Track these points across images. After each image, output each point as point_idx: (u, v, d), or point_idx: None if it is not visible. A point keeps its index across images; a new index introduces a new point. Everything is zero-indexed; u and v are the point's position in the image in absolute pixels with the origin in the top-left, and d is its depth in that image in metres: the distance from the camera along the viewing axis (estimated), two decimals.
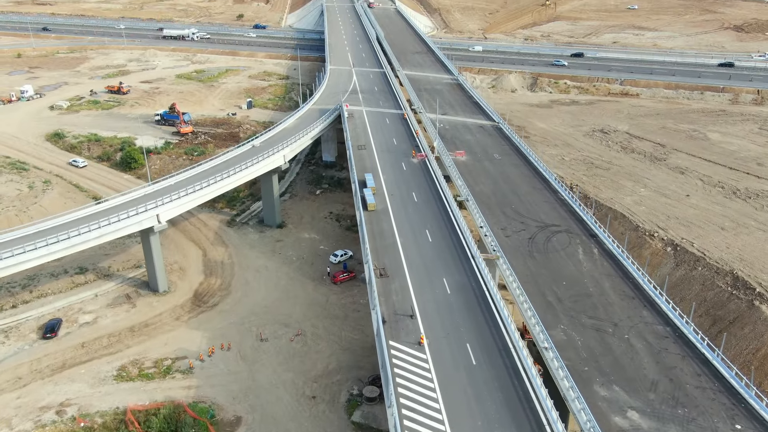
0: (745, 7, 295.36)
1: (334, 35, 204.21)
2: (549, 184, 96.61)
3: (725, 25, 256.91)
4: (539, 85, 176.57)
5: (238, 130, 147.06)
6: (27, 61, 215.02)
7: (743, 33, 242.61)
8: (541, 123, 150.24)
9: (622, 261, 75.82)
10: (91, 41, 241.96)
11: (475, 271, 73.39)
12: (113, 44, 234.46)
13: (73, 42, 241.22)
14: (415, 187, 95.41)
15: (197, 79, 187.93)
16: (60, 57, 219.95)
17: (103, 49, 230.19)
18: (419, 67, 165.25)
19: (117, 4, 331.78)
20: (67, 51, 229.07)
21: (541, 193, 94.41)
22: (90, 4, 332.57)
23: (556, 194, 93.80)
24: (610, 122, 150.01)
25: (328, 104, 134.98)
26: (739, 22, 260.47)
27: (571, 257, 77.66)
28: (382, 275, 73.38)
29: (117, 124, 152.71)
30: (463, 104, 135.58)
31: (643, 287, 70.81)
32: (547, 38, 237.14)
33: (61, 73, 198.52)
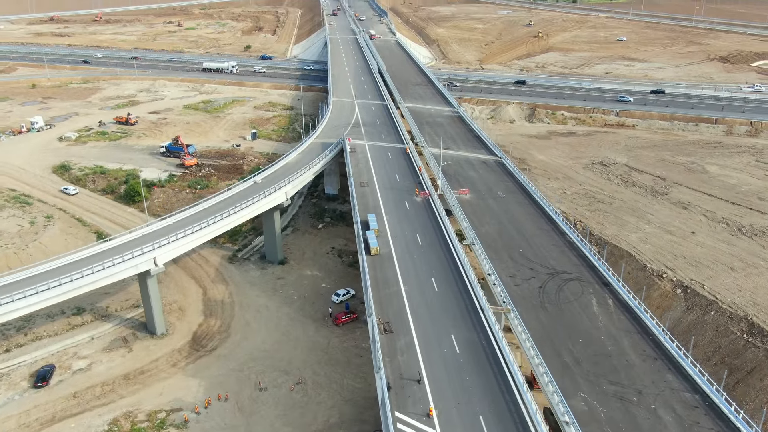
0: (727, 39, 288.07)
1: (337, 67, 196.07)
2: (556, 225, 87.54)
3: (711, 56, 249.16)
4: (537, 116, 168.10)
5: (241, 162, 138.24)
6: (41, 92, 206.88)
7: (729, 64, 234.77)
8: (540, 155, 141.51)
9: (639, 315, 66.60)
10: (105, 72, 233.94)
11: (484, 324, 64.24)
12: (125, 75, 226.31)
13: (87, 72, 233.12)
14: (420, 229, 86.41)
15: (204, 109, 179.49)
16: (73, 87, 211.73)
17: (115, 79, 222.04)
18: (420, 99, 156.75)
19: (132, 36, 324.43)
20: (80, 81, 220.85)
21: (548, 235, 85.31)
22: (106, 36, 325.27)
23: (564, 236, 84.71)
24: (608, 154, 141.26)
25: (330, 137, 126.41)
26: (723, 53, 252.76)
27: (586, 309, 68.46)
28: (386, 331, 64.21)
29: (123, 156, 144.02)
30: (465, 138, 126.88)
31: (666, 346, 61.58)
32: (542, 69, 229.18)
33: (73, 104, 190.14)
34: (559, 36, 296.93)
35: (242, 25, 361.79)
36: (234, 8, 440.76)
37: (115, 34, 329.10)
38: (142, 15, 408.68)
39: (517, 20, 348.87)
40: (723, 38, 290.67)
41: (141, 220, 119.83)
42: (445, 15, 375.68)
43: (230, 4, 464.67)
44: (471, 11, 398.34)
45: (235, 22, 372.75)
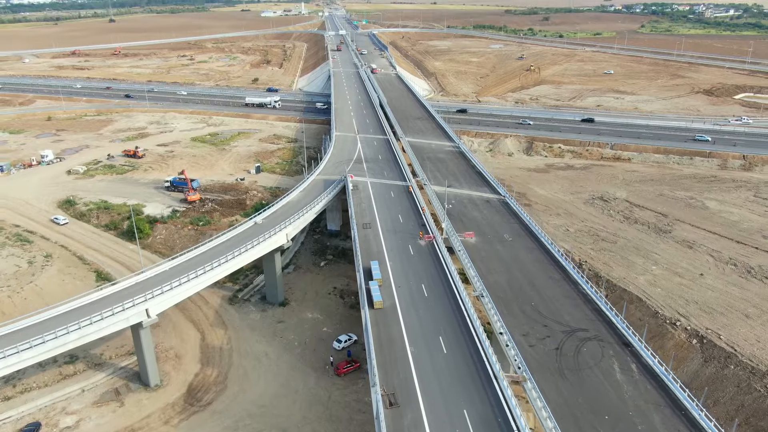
0: (709, 72, 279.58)
1: (339, 100, 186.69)
2: (567, 274, 77.03)
3: (695, 89, 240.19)
4: (534, 149, 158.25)
5: (245, 197, 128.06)
6: (56, 124, 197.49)
7: (714, 97, 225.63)
8: (540, 189, 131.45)
9: (668, 384, 55.95)
10: (118, 104, 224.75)
11: (499, 396, 53.61)
12: (138, 107, 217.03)
13: (100, 105, 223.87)
14: (425, 278, 75.98)
15: (210, 142, 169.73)
16: (87, 120, 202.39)
17: (127, 111, 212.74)
18: (421, 134, 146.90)
19: (147, 69, 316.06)
20: (94, 113, 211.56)
21: (560, 285, 74.80)
22: (123, 68, 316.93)
23: (576, 287, 74.20)
24: (608, 189, 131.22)
25: (333, 174, 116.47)
26: (707, 86, 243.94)
27: (608, 376, 57.83)
28: (392, 404, 53.56)
29: (129, 190, 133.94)
30: (467, 175, 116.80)
31: (701, 425, 50.90)
32: (536, 101, 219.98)
33: (85, 136, 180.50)
34: (550, 69, 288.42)
35: (251, 58, 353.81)
36: (244, 42, 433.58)
37: (131, 67, 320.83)
38: (158, 49, 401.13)
39: (509, 54, 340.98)
40: (705, 72, 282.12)
41: (143, 258, 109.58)
42: (442, 49, 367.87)
43: (241, 39, 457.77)
44: (466, 45, 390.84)
45: (245, 56, 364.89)
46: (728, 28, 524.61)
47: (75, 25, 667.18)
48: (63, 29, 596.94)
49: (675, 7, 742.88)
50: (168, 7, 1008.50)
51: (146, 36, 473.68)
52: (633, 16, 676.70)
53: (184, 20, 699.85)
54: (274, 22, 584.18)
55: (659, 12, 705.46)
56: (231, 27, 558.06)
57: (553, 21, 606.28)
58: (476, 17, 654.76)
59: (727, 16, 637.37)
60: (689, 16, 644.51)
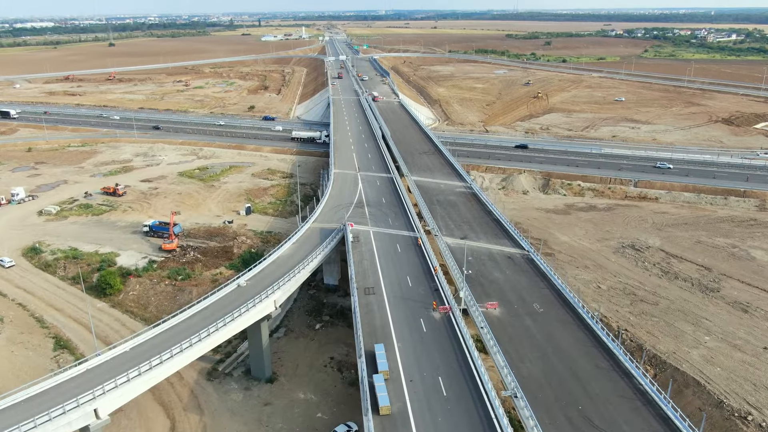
0: (723, 100, 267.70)
1: (339, 132, 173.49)
2: (617, 360, 62.24)
3: (713, 118, 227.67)
4: (551, 187, 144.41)
5: (232, 244, 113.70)
6: (36, 156, 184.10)
7: (734, 126, 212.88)
8: (562, 235, 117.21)
9: None
10: (105, 133, 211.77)
11: None
12: (125, 137, 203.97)
13: (87, 134, 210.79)
14: (443, 368, 61.21)
15: (198, 177, 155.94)
16: (70, 151, 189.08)
17: (114, 142, 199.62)
18: (428, 172, 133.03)
19: (140, 95, 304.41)
20: (79, 144, 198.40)
21: (609, 377, 60.00)
22: (115, 95, 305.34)
23: (631, 380, 59.37)
24: (638, 234, 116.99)
25: (330, 221, 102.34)
26: (725, 114, 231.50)
27: None
28: None
29: (103, 235, 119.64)
30: (483, 223, 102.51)
31: None
32: (547, 131, 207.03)
33: (64, 170, 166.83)
34: (558, 96, 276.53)
35: (249, 84, 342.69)
36: (243, 67, 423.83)
37: (124, 93, 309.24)
38: (155, 74, 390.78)
39: (514, 80, 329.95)
40: (719, 99, 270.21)
41: (110, 317, 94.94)
42: (445, 74, 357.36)
43: (239, 63, 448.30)
44: (469, 70, 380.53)
45: (243, 81, 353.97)
46: (732, 52, 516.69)
47: (74, 49, 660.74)
48: (62, 53, 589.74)
49: (676, 32, 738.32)
50: (169, 31, 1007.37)
51: (145, 60, 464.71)
52: (635, 41, 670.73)
53: (185, 44, 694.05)
54: (274, 47, 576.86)
55: (661, 37, 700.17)
56: (231, 51, 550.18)
57: (555, 45, 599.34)
58: (477, 41, 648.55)
59: (730, 40, 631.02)
60: (692, 41, 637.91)
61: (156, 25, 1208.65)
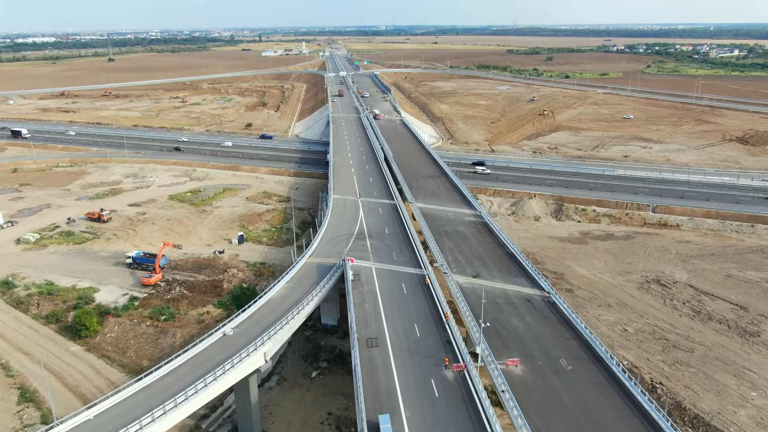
0: (735, 117, 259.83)
1: (339, 153, 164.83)
2: None
3: (726, 136, 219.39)
4: (565, 212, 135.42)
5: (222, 277, 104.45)
6: (21, 177, 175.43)
7: (750, 146, 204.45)
8: (580, 267, 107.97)
9: None
10: (96, 152, 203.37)
11: None
12: (115, 157, 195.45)
13: (76, 154, 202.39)
14: None
15: (190, 201, 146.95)
16: (57, 172, 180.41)
17: (104, 162, 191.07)
18: (434, 198, 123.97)
19: (135, 112, 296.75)
20: (67, 164, 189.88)
21: None
22: (110, 111, 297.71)
23: None
24: (661, 267, 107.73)
25: (328, 255, 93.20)
26: (738, 133, 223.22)
27: None
28: None
29: (83, 267, 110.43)
30: (497, 257, 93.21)
31: None
32: (555, 150, 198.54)
33: (49, 193, 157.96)
34: (564, 113, 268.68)
35: (247, 100, 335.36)
36: (242, 83, 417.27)
37: (119, 110, 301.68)
38: (152, 90, 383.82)
39: (518, 96, 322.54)
40: (729, 116, 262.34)
41: (84, 364, 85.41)
42: (447, 91, 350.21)
43: (238, 79, 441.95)
44: (471, 86, 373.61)
45: (241, 97, 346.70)
46: (736, 68, 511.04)
47: (73, 64, 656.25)
48: (60, 68, 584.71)
49: (678, 47, 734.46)
50: (169, 46, 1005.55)
51: (143, 76, 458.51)
52: (636, 56, 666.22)
53: (184, 59, 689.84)
54: (274, 62, 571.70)
55: (662, 52, 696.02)
56: (230, 66, 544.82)
57: (557, 61, 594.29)
58: (478, 57, 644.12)
59: (732, 56, 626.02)
60: (694, 56, 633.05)
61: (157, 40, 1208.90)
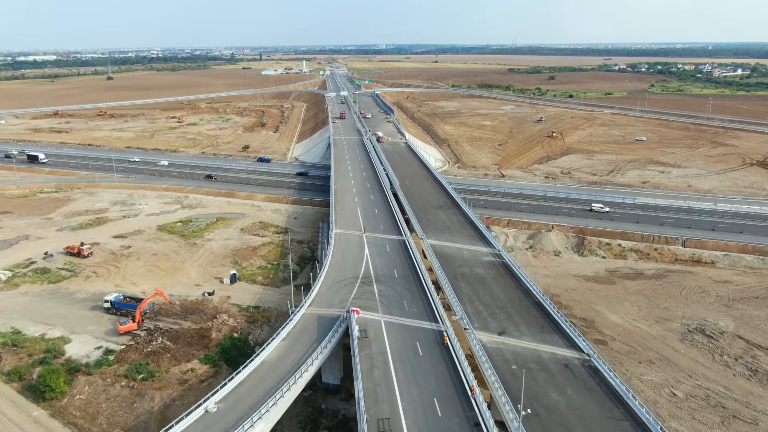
0: (751, 139, 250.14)
1: (341, 179, 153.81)
2: None
3: (746, 160, 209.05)
4: (587, 247, 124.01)
5: (210, 325, 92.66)
6: (2, 204, 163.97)
7: None
8: (612, 313, 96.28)
9: None
10: (84, 177, 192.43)
11: None
12: (104, 182, 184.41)
13: (62, 178, 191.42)
14: None
15: (180, 233, 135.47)
16: (40, 198, 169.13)
17: (91, 187, 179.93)
18: (447, 233, 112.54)
19: (129, 132, 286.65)
20: (53, 189, 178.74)
21: None
22: (103, 132, 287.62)
23: None
24: (703, 313, 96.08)
25: (330, 304, 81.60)
26: (758, 156, 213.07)
27: None
28: None
29: (56, 311, 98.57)
30: (523, 308, 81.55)
31: None
32: (569, 176, 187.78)
33: (30, 222, 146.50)
34: (573, 135, 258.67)
35: (246, 120, 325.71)
36: (240, 102, 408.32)
37: (113, 131, 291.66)
38: (148, 109, 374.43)
39: (524, 116, 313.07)
40: (744, 138, 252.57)
41: None
42: (451, 111, 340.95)
43: (237, 98, 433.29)
44: (475, 106, 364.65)
45: (239, 117, 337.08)
46: (741, 87, 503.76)
47: (72, 82, 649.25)
48: (58, 87, 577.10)
49: (680, 67, 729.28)
50: (170, 64, 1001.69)
51: (141, 95, 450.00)
52: (639, 75, 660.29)
53: (184, 78, 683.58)
54: (274, 81, 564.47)
55: (665, 71, 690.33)
56: (230, 85, 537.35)
57: (560, 80, 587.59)
58: (480, 76, 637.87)
59: (736, 75, 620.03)
60: (697, 76, 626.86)
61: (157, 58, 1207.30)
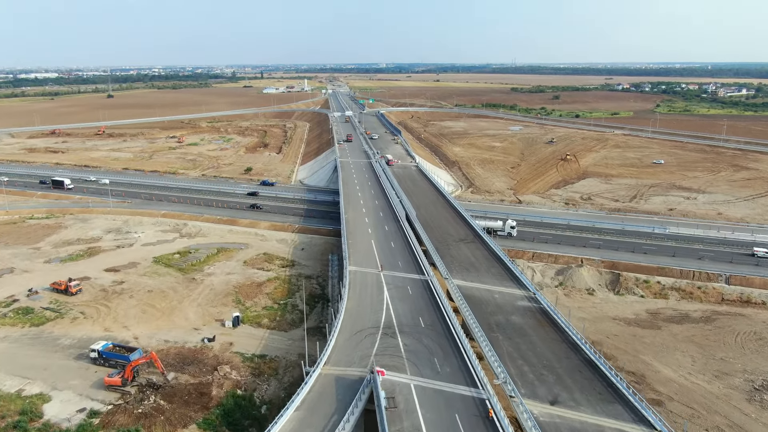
0: None
1: (352, 207, 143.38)
2: None
3: None
4: (623, 284, 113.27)
5: (211, 379, 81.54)
6: None
7: None
8: (663, 366, 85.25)
9: None
10: (77, 201, 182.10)
11: None
12: (98, 207, 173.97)
13: (55, 203, 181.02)
14: None
15: (177, 266, 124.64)
16: (29, 225, 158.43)
17: (85, 213, 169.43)
18: (473, 272, 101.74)
19: (128, 153, 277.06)
20: (43, 215, 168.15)
21: None
22: (100, 152, 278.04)
23: None
24: (766, 365, 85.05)
25: (350, 362, 70.63)
26: None
27: None
28: None
29: (37, 361, 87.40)
30: (573, 368, 70.53)
31: None
32: (589, 201, 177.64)
33: (16, 252, 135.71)
34: (587, 157, 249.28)
35: (248, 140, 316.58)
36: (242, 121, 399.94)
37: (110, 151, 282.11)
38: (148, 128, 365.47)
39: (534, 137, 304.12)
40: (765, 161, 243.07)
41: None
42: (458, 131, 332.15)
43: (239, 117, 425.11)
44: (482, 126, 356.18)
45: (241, 137, 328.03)
46: (748, 107, 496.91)
47: (72, 100, 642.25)
48: (57, 105, 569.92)
49: (683, 86, 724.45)
50: (171, 82, 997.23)
51: (141, 113, 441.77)
52: (643, 95, 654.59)
53: (185, 96, 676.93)
54: (276, 99, 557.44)
55: (669, 91, 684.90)
56: (231, 104, 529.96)
57: (564, 99, 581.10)
58: (483, 95, 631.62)
59: (741, 95, 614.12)
60: (702, 96, 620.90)
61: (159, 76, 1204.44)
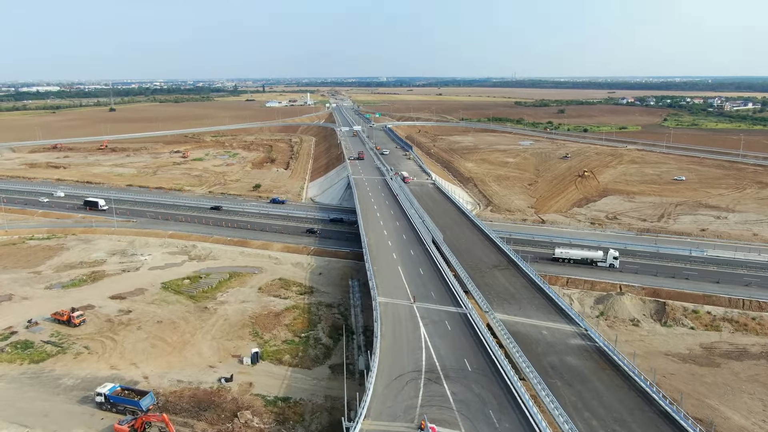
0: None
1: (372, 230, 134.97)
2: None
3: None
4: (670, 315, 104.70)
5: (231, 427, 72.72)
6: None
7: None
8: (731, 411, 76.56)
9: None
10: (80, 220, 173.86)
11: None
12: (102, 226, 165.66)
13: (57, 222, 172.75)
14: None
15: (188, 293, 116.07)
16: (29, 246, 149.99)
17: (88, 233, 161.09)
18: (514, 304, 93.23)
19: (131, 168, 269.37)
20: (44, 235, 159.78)
21: None
22: (103, 168, 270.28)
23: None
24: None
25: (393, 415, 61.94)
26: None
27: None
28: None
29: (36, 405, 78.58)
30: (649, 422, 61.74)
31: None
32: (616, 221, 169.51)
33: (15, 277, 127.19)
34: (605, 174, 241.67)
35: (254, 155, 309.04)
36: (247, 135, 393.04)
37: (113, 166, 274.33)
38: (151, 143, 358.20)
39: (547, 152, 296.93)
40: None
41: None
42: (467, 146, 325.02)
43: (243, 131, 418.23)
44: (492, 141, 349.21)
45: (247, 152, 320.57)
46: (756, 122, 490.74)
47: (73, 114, 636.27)
48: (59, 118, 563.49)
49: (689, 100, 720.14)
50: (172, 96, 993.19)
51: (144, 127, 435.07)
52: (649, 109, 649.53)
53: (187, 109, 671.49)
54: (279, 113, 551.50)
55: (675, 105, 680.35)
56: (234, 117, 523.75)
57: (570, 113, 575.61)
58: (487, 109, 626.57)
59: (748, 109, 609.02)
60: (708, 110, 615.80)
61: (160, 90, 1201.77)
